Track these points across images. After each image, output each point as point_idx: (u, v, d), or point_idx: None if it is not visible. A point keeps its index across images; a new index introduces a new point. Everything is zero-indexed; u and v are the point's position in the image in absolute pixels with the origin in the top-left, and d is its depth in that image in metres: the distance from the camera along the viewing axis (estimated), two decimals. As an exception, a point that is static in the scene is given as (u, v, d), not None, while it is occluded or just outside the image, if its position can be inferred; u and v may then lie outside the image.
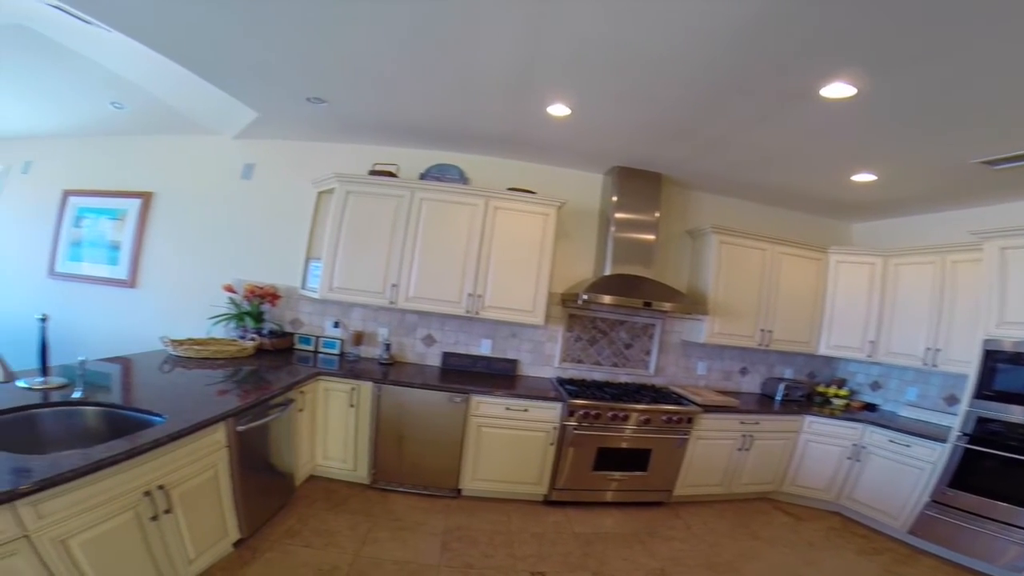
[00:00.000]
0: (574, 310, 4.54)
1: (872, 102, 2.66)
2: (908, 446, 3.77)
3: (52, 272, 4.81)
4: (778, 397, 4.60)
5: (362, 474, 3.76)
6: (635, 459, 3.86)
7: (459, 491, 3.81)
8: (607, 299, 3.90)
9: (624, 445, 3.83)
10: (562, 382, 4.25)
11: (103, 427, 2.37)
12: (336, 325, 4.47)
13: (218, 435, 2.52)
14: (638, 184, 4.31)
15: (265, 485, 3.01)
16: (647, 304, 3.95)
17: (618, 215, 4.27)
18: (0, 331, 4.25)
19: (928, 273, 4.09)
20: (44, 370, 2.59)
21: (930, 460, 3.62)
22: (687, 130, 3.42)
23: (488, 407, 3.74)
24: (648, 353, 4.68)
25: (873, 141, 3.20)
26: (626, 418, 3.80)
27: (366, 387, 3.72)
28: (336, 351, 4.39)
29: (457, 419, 3.71)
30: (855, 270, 4.58)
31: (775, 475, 4.32)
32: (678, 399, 4.11)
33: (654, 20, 2.20)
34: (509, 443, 3.75)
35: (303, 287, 4.34)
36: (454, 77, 3.05)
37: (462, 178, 4.45)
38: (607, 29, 2.32)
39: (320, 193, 4.37)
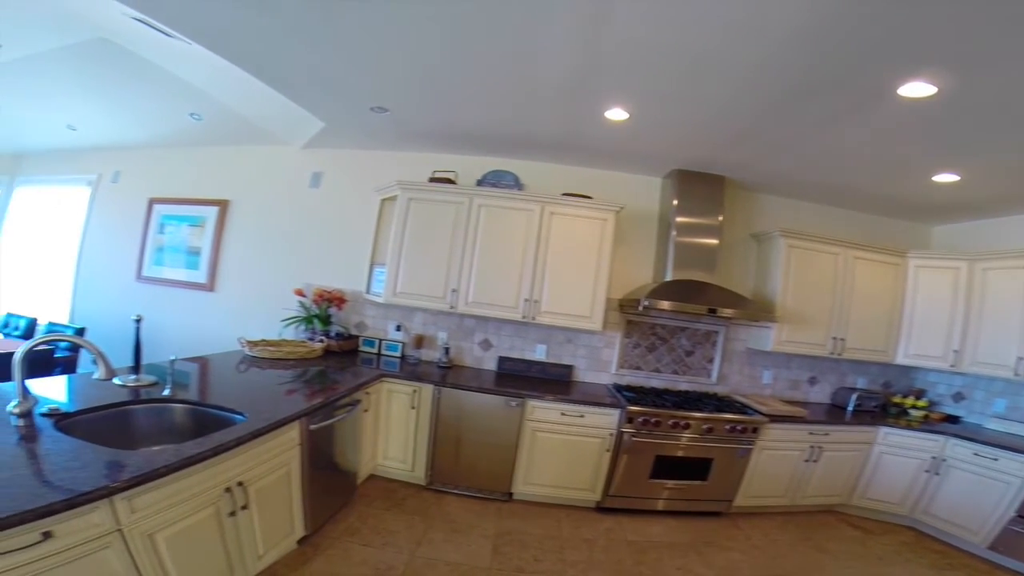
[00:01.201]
0: (633, 316, 4.47)
1: (955, 101, 2.51)
2: (995, 459, 3.54)
3: (139, 276, 5.18)
4: (850, 408, 4.37)
5: (419, 475, 3.85)
6: (695, 468, 3.77)
7: (510, 495, 3.83)
8: (670, 305, 3.81)
9: (684, 454, 3.74)
10: (619, 388, 4.20)
11: (189, 423, 2.49)
12: (398, 329, 4.59)
13: (292, 433, 2.60)
14: (700, 187, 4.20)
15: (330, 483, 3.11)
16: (711, 310, 3.83)
17: (679, 219, 4.17)
18: (94, 331, 4.61)
19: (1021, 278, 3.79)
20: (136, 368, 2.75)
21: (1019, 474, 3.39)
22: (753, 132, 3.31)
23: (543, 412, 3.74)
24: (710, 361, 4.56)
25: (956, 140, 3.01)
26: (687, 426, 3.71)
27: (427, 389, 3.80)
28: (398, 354, 4.51)
29: (512, 423, 3.73)
30: (937, 275, 4.30)
31: (844, 487, 4.14)
32: (742, 408, 3.98)
33: (717, 22, 2.16)
34: (563, 448, 3.74)
35: (368, 291, 4.50)
36: (511, 83, 3.07)
37: (517, 184, 4.48)
38: (668, 32, 2.28)
39: (383, 200, 4.51)
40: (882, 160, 3.49)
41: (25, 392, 1.97)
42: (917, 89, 2.44)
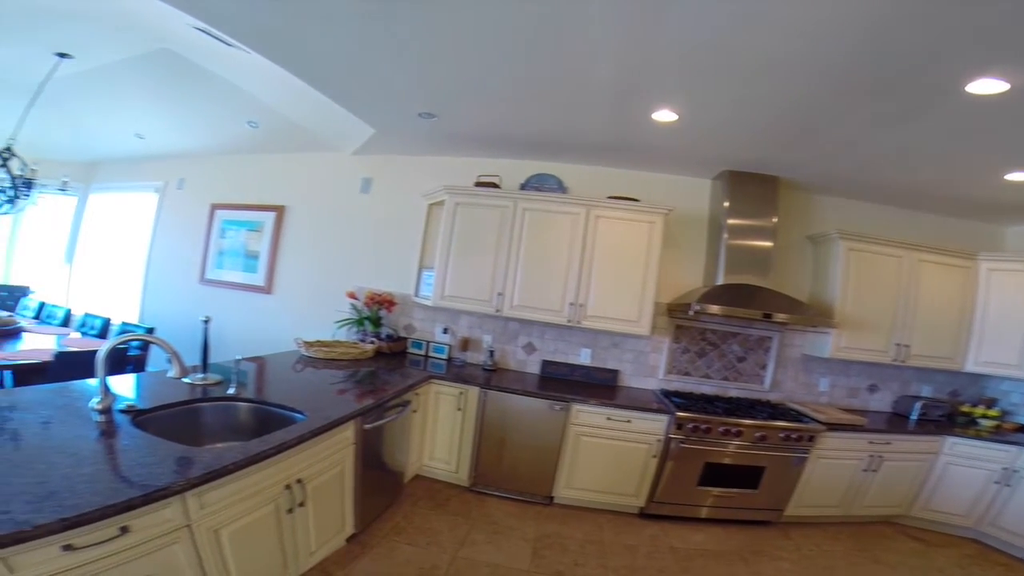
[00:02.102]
0: (682, 321, 4.38)
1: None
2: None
3: (202, 278, 5.45)
4: (913, 416, 4.18)
5: (462, 476, 3.90)
6: (746, 476, 3.68)
7: (551, 499, 3.84)
8: (722, 310, 3.72)
9: (735, 461, 3.65)
10: (667, 394, 4.13)
11: (252, 422, 2.59)
12: (445, 331, 4.67)
13: (348, 432, 2.67)
14: (752, 188, 4.08)
15: (379, 482, 3.18)
16: (766, 316, 3.73)
17: (731, 221, 4.06)
18: (161, 330, 4.86)
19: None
20: (204, 367, 2.88)
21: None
22: (809, 132, 3.20)
23: (589, 416, 3.72)
24: (763, 367, 4.41)
25: (1032, 137, 2.82)
26: (739, 434, 3.62)
27: (473, 392, 3.84)
28: (444, 356, 4.58)
29: (556, 427, 3.73)
30: (1012, 278, 4.04)
31: (904, 498, 3.96)
32: (798, 416, 3.86)
33: (774, 22, 2.10)
34: (608, 453, 3.72)
35: (416, 294, 4.58)
36: (558, 87, 3.07)
37: (561, 187, 4.47)
38: (720, 33, 2.23)
39: (430, 205, 4.58)
40: (949, 159, 3.31)
41: (106, 389, 2.09)
42: (987, 86, 2.31)
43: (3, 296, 5.86)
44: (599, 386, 4.27)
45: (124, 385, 2.58)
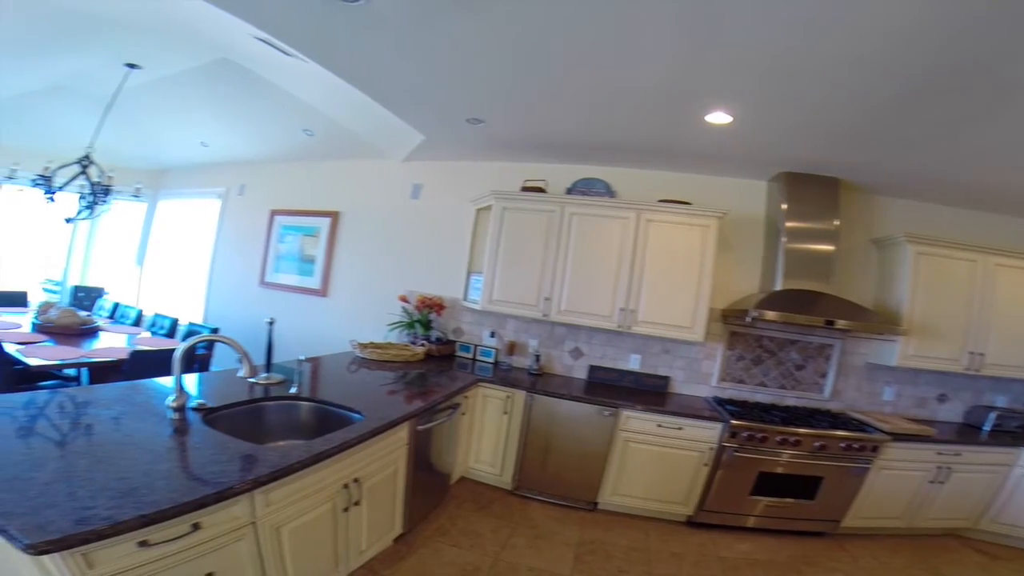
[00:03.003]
0: (736, 327, 4.26)
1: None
2: None
3: (262, 281, 5.68)
4: (986, 427, 3.94)
5: (506, 479, 3.91)
6: (802, 486, 3.55)
7: (595, 504, 3.80)
8: (781, 317, 3.60)
9: (791, 471, 3.53)
10: (721, 402, 4.03)
11: (312, 421, 2.68)
12: (492, 335, 4.70)
13: (403, 433, 2.72)
14: (811, 190, 3.91)
15: (428, 484, 3.22)
16: (828, 323, 3.58)
17: (790, 224, 3.90)
18: (224, 331, 5.07)
19: None
20: (268, 367, 3.00)
21: None
22: (874, 133, 3.06)
23: (638, 423, 3.67)
24: (823, 375, 4.23)
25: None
26: (797, 443, 3.49)
27: (519, 396, 3.86)
28: (491, 360, 4.61)
29: (604, 433, 3.70)
30: (1101, 283, 3.74)
31: (972, 510, 3.77)
32: (860, 425, 3.70)
33: (835, 24, 2.03)
34: (657, 460, 3.66)
35: (465, 299, 4.65)
36: (607, 93, 3.05)
37: (608, 191, 4.43)
38: (779, 33, 2.17)
39: (478, 210, 4.64)
40: (1026, 158, 3.11)
41: (180, 387, 2.20)
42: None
43: (81, 297, 6.26)
44: (649, 392, 4.20)
45: (193, 383, 2.72)
